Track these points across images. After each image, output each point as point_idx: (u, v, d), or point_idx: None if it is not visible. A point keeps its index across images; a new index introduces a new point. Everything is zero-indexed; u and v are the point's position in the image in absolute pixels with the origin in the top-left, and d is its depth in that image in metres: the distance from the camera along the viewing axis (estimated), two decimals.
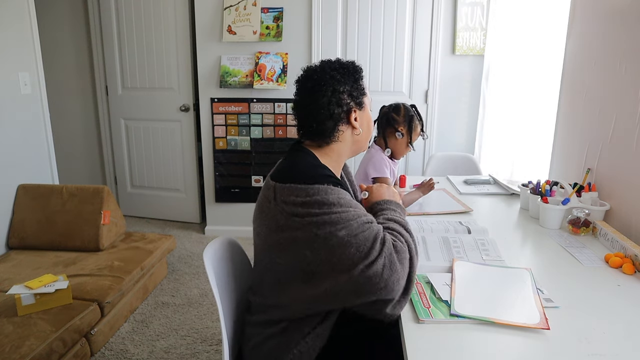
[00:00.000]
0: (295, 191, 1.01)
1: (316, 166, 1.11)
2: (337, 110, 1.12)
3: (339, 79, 1.13)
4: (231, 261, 1.28)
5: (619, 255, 1.26)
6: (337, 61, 1.18)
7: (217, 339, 2.14)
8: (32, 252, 2.42)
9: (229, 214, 3.41)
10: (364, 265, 0.94)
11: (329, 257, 0.96)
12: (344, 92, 1.13)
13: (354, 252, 0.95)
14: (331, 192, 1.00)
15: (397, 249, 0.99)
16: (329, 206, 0.98)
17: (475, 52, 3.08)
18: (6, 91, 2.45)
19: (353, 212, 0.99)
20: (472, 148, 3.17)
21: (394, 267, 0.96)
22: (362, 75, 1.20)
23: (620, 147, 1.53)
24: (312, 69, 1.16)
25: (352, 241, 0.95)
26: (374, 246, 0.96)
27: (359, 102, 1.16)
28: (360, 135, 1.19)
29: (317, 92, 1.12)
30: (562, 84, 2.01)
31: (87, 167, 3.94)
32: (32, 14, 2.59)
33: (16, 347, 1.59)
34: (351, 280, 0.95)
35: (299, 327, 1.06)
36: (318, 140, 1.15)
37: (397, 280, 0.96)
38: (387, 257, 0.96)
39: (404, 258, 0.99)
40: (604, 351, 0.87)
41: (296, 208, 0.99)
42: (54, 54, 3.64)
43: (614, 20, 1.61)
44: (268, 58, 3.09)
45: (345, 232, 0.96)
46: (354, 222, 0.98)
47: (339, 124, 1.14)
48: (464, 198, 1.91)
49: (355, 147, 1.21)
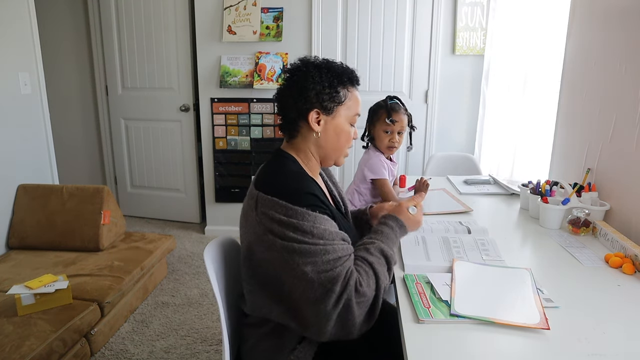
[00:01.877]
0: (276, 206, 1.00)
1: (297, 176, 1.10)
2: (299, 104, 1.12)
3: (313, 75, 1.12)
4: (231, 261, 1.28)
5: (619, 255, 1.26)
6: (326, 62, 1.16)
7: (217, 339, 2.14)
8: (32, 252, 2.42)
9: (229, 214, 3.41)
10: (321, 306, 0.96)
11: (292, 284, 0.99)
12: (312, 89, 1.11)
13: (315, 290, 0.96)
14: (308, 218, 0.99)
15: (361, 293, 0.98)
16: (303, 233, 0.98)
17: (475, 52, 3.08)
18: (6, 91, 2.45)
19: (322, 247, 0.98)
20: (472, 148, 3.17)
21: (351, 311, 0.97)
22: (348, 85, 1.15)
23: (620, 147, 1.53)
24: (298, 60, 1.17)
25: (315, 278, 0.96)
26: (333, 289, 0.96)
27: (325, 106, 1.12)
28: (323, 141, 1.15)
29: (288, 81, 1.15)
30: (562, 84, 2.01)
31: (87, 167, 3.94)
32: (32, 14, 2.59)
33: (16, 347, 1.59)
34: (311, 314, 0.98)
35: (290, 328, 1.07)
36: (284, 132, 1.18)
37: (349, 326, 0.98)
38: (344, 303, 0.96)
39: (365, 302, 0.99)
40: (604, 351, 0.87)
41: (273, 224, 1.00)
42: (54, 54, 3.64)
43: (614, 20, 1.61)
44: (268, 58, 3.09)
45: (311, 267, 0.97)
46: (320, 259, 0.97)
47: (299, 118, 1.13)
48: (464, 198, 1.91)
49: (322, 153, 1.18)
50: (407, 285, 1.10)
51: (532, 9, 2.48)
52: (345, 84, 1.15)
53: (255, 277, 1.09)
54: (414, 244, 1.32)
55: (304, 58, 1.17)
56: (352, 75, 1.17)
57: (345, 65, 1.18)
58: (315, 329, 0.99)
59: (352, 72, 1.18)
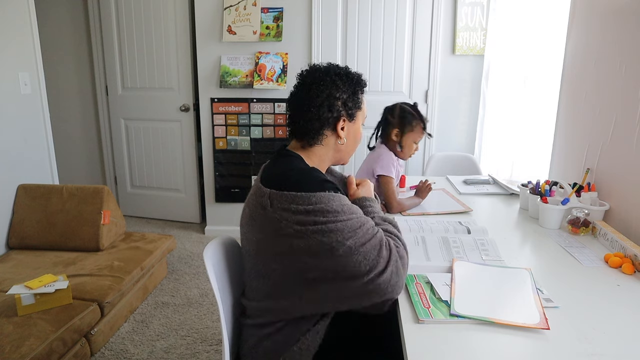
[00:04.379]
0: (296, 199, 1.00)
1: (310, 170, 1.11)
2: (327, 114, 1.13)
3: (339, 84, 1.14)
4: (231, 261, 1.28)
5: (618, 255, 1.26)
6: (344, 68, 1.19)
7: (217, 339, 2.14)
8: (32, 252, 2.42)
9: (229, 214, 3.41)
10: (373, 274, 0.97)
11: (334, 266, 0.97)
12: (339, 98, 1.14)
13: (362, 261, 0.96)
14: (333, 199, 1.00)
15: (401, 255, 1.03)
16: (334, 214, 0.98)
17: (475, 52, 3.09)
18: (6, 91, 2.45)
19: (356, 219, 1.00)
20: (472, 148, 3.17)
21: (399, 273, 1.01)
22: (363, 89, 1.21)
23: (620, 147, 1.53)
24: (317, 67, 1.17)
25: (360, 250, 0.97)
26: (380, 254, 0.99)
27: (350, 114, 1.17)
28: (344, 146, 1.19)
29: (313, 90, 1.13)
30: (562, 84, 2.01)
31: (87, 167, 3.94)
32: (32, 14, 2.59)
33: (16, 347, 1.59)
34: (359, 288, 0.98)
35: (297, 326, 1.07)
36: (302, 139, 1.17)
37: (402, 284, 1.02)
38: (394, 265, 0.99)
39: (406, 263, 1.04)
40: (604, 351, 0.87)
41: (299, 216, 0.99)
42: (54, 54, 3.64)
43: (614, 20, 1.61)
44: (268, 58, 3.09)
45: (353, 241, 0.97)
46: (360, 231, 0.99)
47: (325, 127, 1.15)
48: (463, 198, 1.91)
49: (337, 157, 1.22)
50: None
51: (532, 9, 2.48)
52: (363, 89, 1.21)
53: (269, 275, 1.07)
54: (413, 244, 1.33)
55: (319, 67, 1.17)
56: (363, 80, 1.22)
57: (356, 71, 1.22)
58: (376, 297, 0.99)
59: (362, 76, 1.22)
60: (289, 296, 1.05)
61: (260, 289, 1.11)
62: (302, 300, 1.04)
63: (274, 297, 1.08)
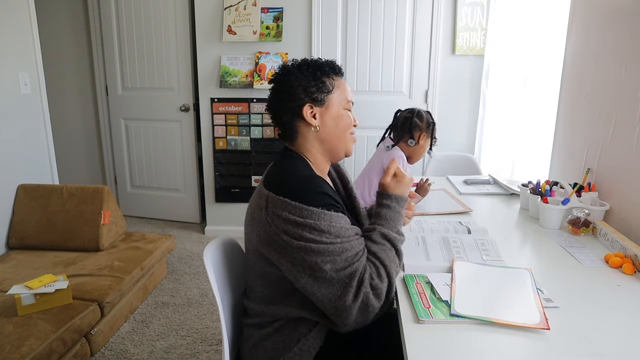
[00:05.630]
0: (288, 207, 1.00)
1: (311, 179, 1.08)
2: (290, 104, 1.13)
3: (295, 73, 1.14)
4: (231, 261, 1.28)
5: (619, 255, 1.26)
6: (304, 60, 1.18)
7: (217, 339, 2.14)
8: (32, 252, 2.42)
9: (229, 214, 3.41)
10: (341, 301, 0.97)
11: (312, 284, 0.99)
12: (298, 85, 1.12)
13: (335, 287, 0.97)
14: (324, 217, 0.99)
15: (374, 287, 0.99)
16: (320, 233, 0.98)
17: (475, 52, 3.08)
18: (6, 91, 2.45)
19: (340, 245, 0.99)
20: (472, 148, 3.17)
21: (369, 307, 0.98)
22: (329, 73, 1.16)
23: (620, 147, 1.53)
24: (283, 66, 1.18)
25: (334, 276, 0.97)
26: (351, 284, 0.97)
27: (316, 98, 1.13)
28: (326, 133, 1.15)
29: (275, 87, 1.16)
30: (562, 84, 2.01)
31: (87, 167, 3.94)
32: (32, 14, 2.59)
33: (16, 347, 1.59)
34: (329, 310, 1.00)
35: (297, 326, 1.08)
36: (285, 137, 1.18)
37: (369, 315, 1.00)
38: (362, 301, 0.97)
39: (380, 294, 1.00)
40: (604, 351, 0.87)
41: (287, 225, 0.99)
42: (54, 54, 3.64)
43: (614, 20, 1.61)
44: (268, 58, 3.09)
45: (330, 266, 0.97)
46: (339, 257, 0.98)
47: (294, 119, 1.14)
48: (463, 198, 1.91)
49: (328, 147, 1.17)
50: (407, 285, 1.10)
51: (532, 9, 2.48)
52: (329, 73, 1.17)
53: (265, 276, 1.08)
54: (414, 244, 1.32)
55: (284, 65, 1.19)
56: (332, 65, 1.19)
57: (325, 59, 1.20)
58: (337, 322, 1.01)
59: (333, 63, 1.19)
60: (284, 299, 1.07)
61: (258, 290, 1.12)
62: (296, 306, 1.05)
63: (271, 298, 1.09)
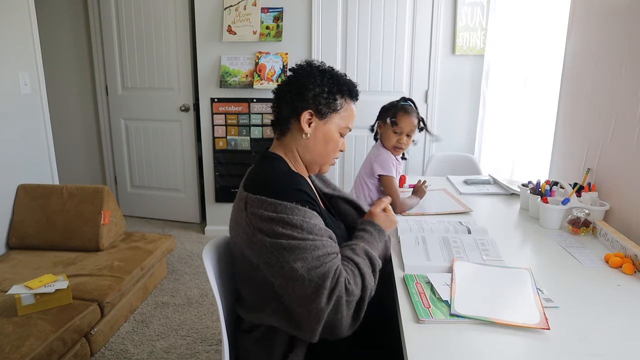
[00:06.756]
0: (264, 204, 1.00)
1: (286, 175, 1.09)
2: (296, 103, 1.13)
3: (316, 78, 1.13)
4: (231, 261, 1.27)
5: (619, 255, 1.26)
6: (334, 70, 1.17)
7: (217, 339, 2.14)
8: (32, 252, 2.42)
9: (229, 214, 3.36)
10: (313, 303, 0.94)
11: (285, 284, 0.97)
12: (311, 90, 1.12)
13: (306, 287, 0.94)
14: (297, 212, 0.99)
15: (349, 291, 0.97)
16: (292, 228, 0.97)
17: (475, 52, 3.08)
18: (6, 91, 2.45)
19: (311, 242, 0.97)
20: (472, 148, 3.17)
21: (338, 314, 0.96)
22: (344, 94, 1.16)
23: (620, 147, 1.53)
24: (309, 62, 1.18)
25: (305, 275, 0.94)
26: (324, 285, 0.94)
27: (320, 110, 1.13)
28: (312, 145, 1.15)
29: (292, 80, 1.16)
30: (562, 84, 2.01)
31: (87, 167, 3.94)
32: (32, 14, 2.59)
33: (16, 347, 1.59)
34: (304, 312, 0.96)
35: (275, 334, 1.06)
36: (275, 127, 1.18)
37: (335, 324, 0.97)
38: (333, 306, 0.94)
39: (351, 301, 0.98)
40: (604, 351, 0.87)
41: (262, 222, 0.99)
42: (54, 54, 3.64)
43: (614, 20, 1.61)
44: (268, 58, 3.09)
45: (301, 264, 0.95)
46: (310, 255, 0.96)
47: (292, 115, 1.14)
48: (463, 198, 1.91)
49: (309, 157, 1.17)
50: (407, 285, 1.10)
51: (532, 9, 2.48)
52: (345, 94, 1.17)
53: (248, 280, 1.08)
54: (414, 244, 1.32)
55: (310, 60, 1.18)
56: (353, 88, 1.19)
57: (349, 78, 1.19)
58: (306, 328, 0.97)
59: (354, 86, 1.19)
60: (264, 306, 1.05)
61: (244, 296, 1.12)
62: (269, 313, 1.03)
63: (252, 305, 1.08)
